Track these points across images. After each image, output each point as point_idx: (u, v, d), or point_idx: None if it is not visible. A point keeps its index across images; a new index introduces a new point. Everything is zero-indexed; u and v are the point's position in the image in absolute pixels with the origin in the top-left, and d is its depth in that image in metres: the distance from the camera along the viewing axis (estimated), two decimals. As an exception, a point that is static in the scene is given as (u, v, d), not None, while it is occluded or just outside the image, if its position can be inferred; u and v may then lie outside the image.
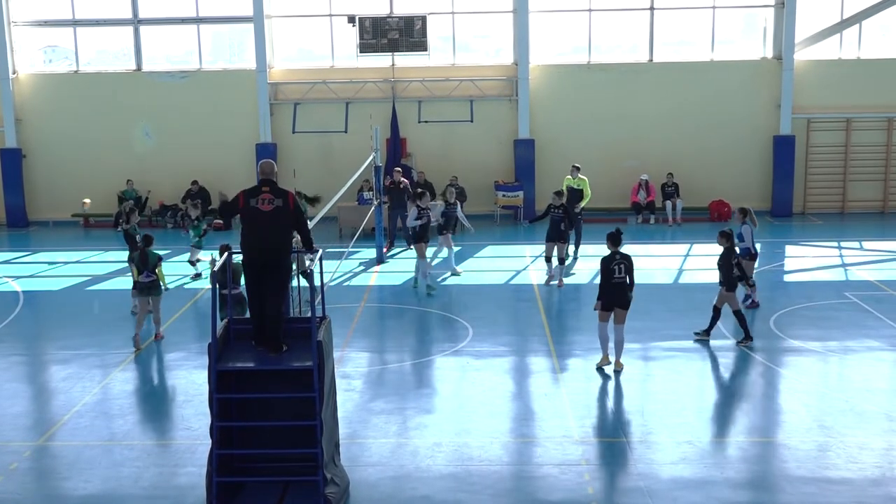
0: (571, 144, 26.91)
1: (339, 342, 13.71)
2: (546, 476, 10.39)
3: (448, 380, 13.89)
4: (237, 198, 9.72)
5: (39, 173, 27.78)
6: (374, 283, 19.75)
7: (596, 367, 13.94)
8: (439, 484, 10.21)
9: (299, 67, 27.97)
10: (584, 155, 26.52)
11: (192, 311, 17.55)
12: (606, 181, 26.63)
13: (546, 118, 27.18)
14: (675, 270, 16.60)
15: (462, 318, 16.82)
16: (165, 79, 27.57)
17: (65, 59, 28.87)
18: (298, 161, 26.28)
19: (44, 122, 27.71)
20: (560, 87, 27.31)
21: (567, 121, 27.25)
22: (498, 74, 27.37)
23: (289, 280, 9.77)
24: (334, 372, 10.22)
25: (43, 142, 27.74)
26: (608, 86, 27.19)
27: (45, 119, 27.71)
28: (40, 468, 11.01)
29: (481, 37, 29.46)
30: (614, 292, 13.79)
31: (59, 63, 28.95)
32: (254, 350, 9.63)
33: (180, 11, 27.68)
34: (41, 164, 27.78)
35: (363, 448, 11.15)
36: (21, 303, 18.61)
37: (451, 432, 11.63)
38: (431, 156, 26.90)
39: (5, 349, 15.64)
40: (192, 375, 13.81)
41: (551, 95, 27.23)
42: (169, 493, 10.15)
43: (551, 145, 26.93)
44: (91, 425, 12.15)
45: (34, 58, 28.59)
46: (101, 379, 14.12)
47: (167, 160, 27.07)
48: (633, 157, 26.99)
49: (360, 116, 26.42)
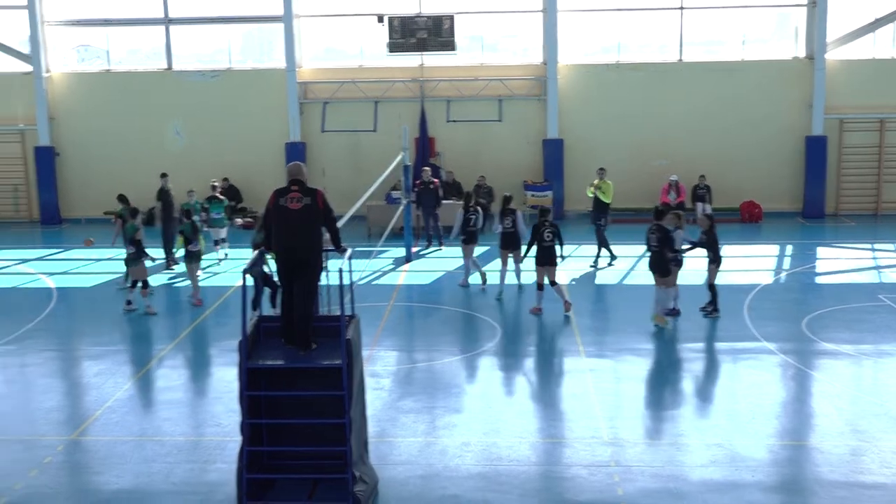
0: (600, 144, 26.81)
1: (367, 341, 13.74)
2: (575, 477, 10.35)
3: (477, 379, 13.89)
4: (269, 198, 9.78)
5: (72, 171, 28.04)
6: (403, 283, 19.77)
7: None
8: (468, 483, 10.21)
9: (328, 67, 28.06)
10: (613, 155, 26.46)
11: (222, 309, 17.65)
12: (635, 181, 26.52)
13: (575, 118, 27.10)
14: (705, 272, 16.49)
15: (490, 317, 16.80)
16: (196, 78, 27.74)
17: (97, 59, 29.12)
18: (327, 160, 26.36)
19: (76, 121, 27.96)
20: (589, 86, 27.22)
21: (596, 120, 27.15)
22: (526, 74, 27.32)
23: (318, 278, 9.79)
24: (363, 370, 10.24)
25: (75, 140, 28.00)
26: (637, 85, 27.06)
27: (77, 117, 27.97)
28: (73, 462, 11.12)
29: (510, 36, 29.42)
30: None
31: (92, 62, 29.21)
32: (283, 348, 9.66)
33: (210, 11, 27.84)
34: (74, 162, 28.03)
35: (392, 446, 11.17)
36: (54, 299, 18.79)
37: (480, 432, 11.62)
38: (460, 155, 26.88)
39: (39, 345, 15.80)
40: (222, 372, 13.89)
41: (580, 95, 27.14)
42: (199, 489, 10.21)
43: (580, 145, 26.84)
44: (123, 421, 12.26)
45: (67, 57, 28.84)
46: (133, 375, 14.24)
47: (197, 159, 27.20)
48: (663, 157, 26.83)
49: (389, 116, 26.45)
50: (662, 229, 16.03)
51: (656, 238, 15.98)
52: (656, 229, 16.02)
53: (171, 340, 15.84)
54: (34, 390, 13.74)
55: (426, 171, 23.29)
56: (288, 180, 9.68)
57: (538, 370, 14.37)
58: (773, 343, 14.92)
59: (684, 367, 14.38)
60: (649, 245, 16.19)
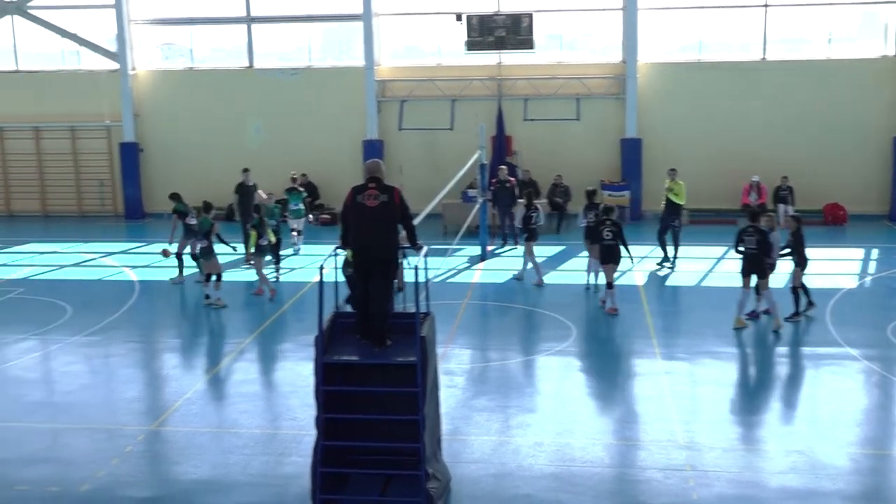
0: (679, 144, 26.46)
1: (442, 338, 13.76)
2: (649, 480, 10.23)
3: (551, 379, 13.82)
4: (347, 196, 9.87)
5: (155, 167, 28.66)
6: (478, 281, 19.77)
7: None
8: (541, 483, 10.17)
9: (406, 65, 28.19)
10: (692, 154, 26.14)
11: (300, 304, 17.87)
12: (715, 182, 26.12)
13: (654, 117, 26.78)
14: (787, 275, 16.17)
15: (566, 317, 16.69)
16: (276, 76, 28.12)
17: (181, 57, 29.71)
18: (404, 158, 26.48)
19: (160, 118, 28.58)
20: (668, 85, 26.87)
21: (675, 120, 26.80)
22: (605, 72, 27.08)
23: (395, 275, 9.83)
24: (437, 368, 10.26)
25: (159, 136, 28.62)
26: (719, 84, 26.62)
27: (161, 114, 28.58)
28: (153, 452, 11.36)
29: (588, 34, 29.20)
30: None
31: (176, 60, 29.80)
32: (359, 344, 9.73)
33: (292, 10, 28.19)
34: (157, 157, 28.66)
35: (465, 445, 11.17)
36: (137, 292, 19.24)
37: (553, 432, 11.56)
38: (537, 154, 26.77)
39: (122, 336, 16.20)
40: (299, 367, 14.05)
41: (659, 94, 26.82)
42: (275, 481, 10.35)
43: (658, 144, 26.51)
44: (201, 412, 12.50)
45: (152, 55, 29.48)
46: (211, 367, 14.51)
47: (276, 156, 27.54)
48: (744, 157, 26.30)
49: (466, 114, 26.46)
50: (761, 231, 15.56)
51: (755, 241, 15.49)
52: (754, 231, 15.54)
53: (249, 334, 16.08)
54: (117, 380, 14.09)
55: (502, 169, 23.25)
56: (366, 177, 9.74)
57: (612, 371, 14.23)
58: (856, 349, 14.55)
59: (764, 371, 14.12)
60: (745, 247, 15.62)
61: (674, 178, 20.58)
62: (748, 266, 15.63)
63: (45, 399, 13.26)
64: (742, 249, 15.66)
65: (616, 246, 16.82)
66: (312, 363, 9.38)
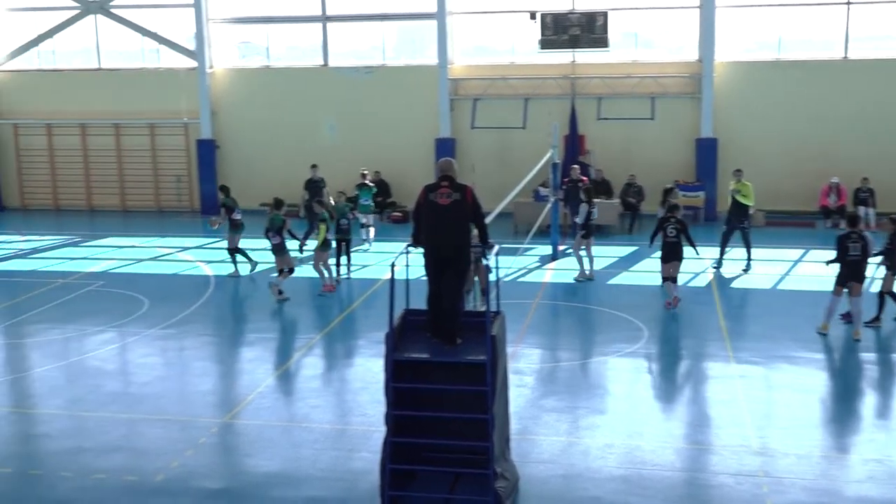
0: (757, 144, 26.00)
1: (512, 338, 13.72)
2: (721, 486, 10.07)
3: (621, 380, 13.69)
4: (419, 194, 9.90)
5: (231, 163, 29.11)
6: (549, 281, 19.68)
7: None
8: (610, 486, 10.08)
9: (479, 63, 28.18)
10: (770, 155, 25.73)
11: (371, 300, 17.98)
12: (793, 183, 25.62)
13: (730, 117, 26.35)
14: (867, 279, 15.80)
15: (637, 318, 16.52)
16: (350, 74, 28.35)
17: (257, 55, 30.12)
18: (476, 156, 26.46)
19: (236, 115, 29.02)
20: (746, 84, 26.41)
21: (753, 120, 26.32)
22: (681, 71, 26.73)
23: (467, 274, 9.83)
24: (507, 367, 10.24)
25: (235, 133, 29.07)
26: (798, 84, 26.07)
27: (237, 112, 29.02)
28: (225, 444, 11.56)
29: (664, 32, 28.85)
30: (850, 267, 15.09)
31: (252, 58, 30.24)
32: (429, 341, 9.75)
33: (366, 8, 28.39)
34: (233, 154, 29.11)
35: (534, 445, 11.13)
36: (212, 286, 19.57)
37: (623, 434, 11.46)
38: (610, 153, 26.53)
39: (197, 329, 16.49)
40: (369, 363, 14.15)
41: (736, 93, 26.37)
42: (344, 476, 10.44)
43: (735, 145, 26.06)
44: (273, 406, 12.66)
45: (229, 53, 29.95)
46: (284, 362, 14.70)
47: (349, 153, 27.75)
48: (823, 158, 25.71)
49: (539, 113, 26.32)
50: (863, 237, 15.12)
51: (860, 247, 15.02)
52: (858, 238, 15.07)
53: (321, 330, 16.25)
54: (191, 373, 14.35)
55: (575, 169, 23.02)
56: (438, 176, 9.76)
57: (685, 374, 14.05)
58: (939, 356, 14.14)
59: (842, 377, 13.79)
60: (847, 253, 15.06)
61: (740, 178, 20.21)
62: (850, 273, 15.05)
63: (122, 390, 13.57)
64: (846, 257, 15.09)
65: (679, 243, 16.83)
66: (383, 360, 9.43)
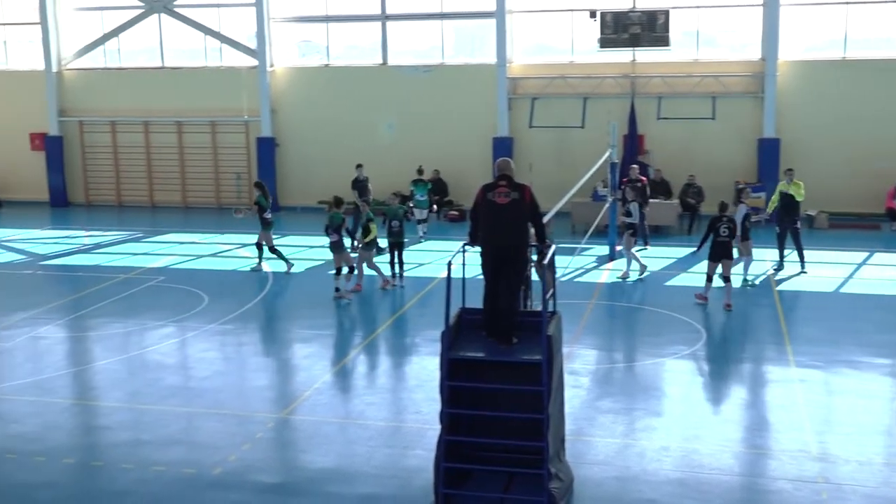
0: (820, 145, 25.53)
1: (568, 338, 13.66)
2: (780, 491, 9.91)
3: (678, 383, 13.54)
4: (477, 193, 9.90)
5: (290, 161, 29.38)
6: (605, 281, 19.54)
7: None
8: (666, 489, 9.98)
9: (538, 62, 28.07)
10: (834, 156, 25.29)
11: (426, 299, 18.01)
12: (859, 184, 25.12)
13: (794, 117, 25.90)
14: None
15: (695, 320, 16.34)
16: (409, 73, 28.42)
17: (316, 53, 30.34)
18: (534, 155, 26.36)
19: (295, 113, 29.26)
20: (810, 84, 25.94)
21: (817, 120, 25.84)
22: (743, 70, 26.35)
23: (524, 273, 9.81)
24: (563, 367, 10.19)
25: (294, 131, 29.32)
26: (865, 83, 25.53)
27: (296, 110, 29.26)
28: (281, 439, 11.67)
29: (727, 31, 28.46)
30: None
31: (312, 57, 30.46)
32: (485, 340, 9.74)
33: (426, 7, 28.44)
34: (292, 152, 29.37)
35: (589, 446, 11.07)
36: (270, 282, 19.76)
37: (680, 437, 11.33)
38: (670, 153, 26.25)
39: (254, 325, 16.69)
40: (425, 361, 14.18)
41: (800, 93, 25.91)
42: (398, 473, 10.48)
43: (798, 145, 25.61)
44: (329, 402, 12.76)
45: (289, 52, 30.21)
46: (340, 359, 14.80)
47: (406, 152, 27.82)
48: (889, 159, 25.19)
49: (598, 112, 26.13)
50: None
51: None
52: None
53: (377, 327, 16.33)
54: (249, 368, 14.52)
55: (634, 168, 22.88)
56: (496, 175, 9.76)
57: (743, 377, 13.85)
58: None
59: (905, 383, 13.50)
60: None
61: (792, 178, 19.92)
62: None
63: (181, 384, 13.77)
64: None
65: (730, 242, 17.07)
66: (438, 358, 9.44)
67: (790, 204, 19.75)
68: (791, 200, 19.74)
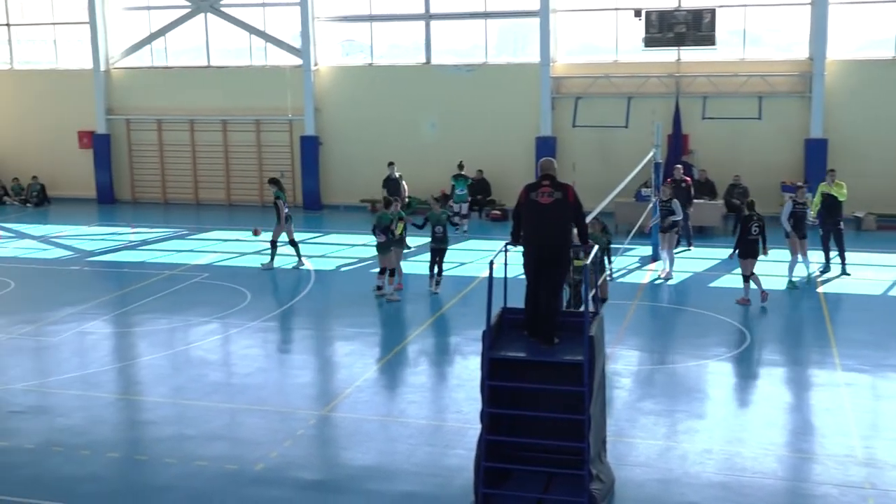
0: (869, 145, 25.14)
1: (610, 339, 13.58)
2: (825, 496, 9.78)
3: (721, 385, 13.42)
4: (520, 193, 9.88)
5: (333, 160, 29.51)
6: (648, 282, 19.41)
7: None
8: (708, 492, 9.89)
9: (582, 62, 27.93)
10: (883, 157, 24.96)
11: (468, 298, 18.00)
12: (907, 186, 24.75)
13: (842, 117, 25.53)
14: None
15: (739, 322, 16.17)
16: (452, 72, 28.41)
17: (360, 53, 30.45)
18: (577, 155, 26.22)
19: (339, 112, 29.37)
20: (859, 83, 25.54)
21: (866, 120, 25.44)
22: (790, 70, 26.02)
23: (566, 273, 9.78)
24: (604, 368, 10.14)
25: (338, 130, 29.43)
26: (916, 83, 25.14)
27: (340, 109, 29.37)
28: (323, 436, 11.73)
29: (774, 30, 28.12)
30: None
31: (355, 56, 30.58)
32: (526, 340, 9.72)
33: (469, 6, 28.42)
34: (335, 151, 29.49)
35: (630, 447, 11.00)
36: (312, 280, 19.87)
37: (723, 440, 11.23)
38: (715, 153, 25.99)
39: (297, 322, 16.80)
40: (466, 361, 14.18)
41: (848, 92, 25.53)
42: (439, 472, 10.48)
43: (846, 146, 25.24)
44: (370, 400, 12.79)
45: (333, 51, 30.35)
46: (381, 357, 14.84)
47: (449, 151, 27.78)
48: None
49: (642, 112, 25.94)
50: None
51: None
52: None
53: (418, 326, 16.35)
54: (291, 365, 14.62)
55: (678, 169, 22.71)
56: (539, 175, 9.73)
57: (788, 380, 13.69)
58: None
59: (955, 388, 13.26)
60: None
61: (834, 179, 19.69)
62: None
63: (224, 380, 13.91)
64: None
65: (758, 241, 17.06)
66: (479, 358, 9.44)
67: (833, 205, 19.53)
68: (833, 201, 19.53)
